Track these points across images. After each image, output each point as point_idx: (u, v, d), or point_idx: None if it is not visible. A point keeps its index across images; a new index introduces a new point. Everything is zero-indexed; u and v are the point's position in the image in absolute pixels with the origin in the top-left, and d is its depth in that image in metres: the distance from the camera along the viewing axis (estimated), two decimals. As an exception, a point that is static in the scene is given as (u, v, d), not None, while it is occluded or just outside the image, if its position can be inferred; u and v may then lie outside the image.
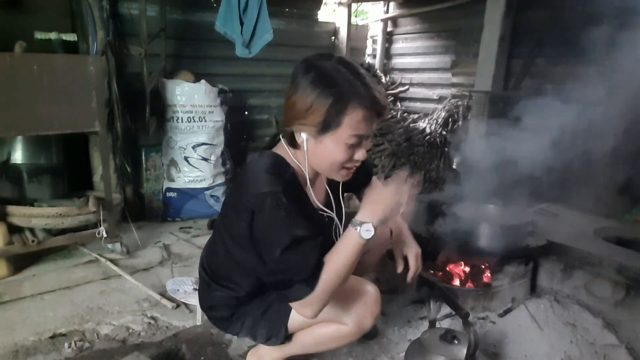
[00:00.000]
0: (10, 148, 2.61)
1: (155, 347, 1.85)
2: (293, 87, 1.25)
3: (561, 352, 1.79)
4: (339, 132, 1.20)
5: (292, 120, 1.25)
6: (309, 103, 1.19)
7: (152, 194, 3.51)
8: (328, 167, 1.29)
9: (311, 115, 1.20)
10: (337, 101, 1.17)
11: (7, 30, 2.76)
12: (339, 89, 1.17)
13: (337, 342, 1.48)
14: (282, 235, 1.22)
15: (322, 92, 1.17)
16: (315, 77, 1.19)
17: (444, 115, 4.17)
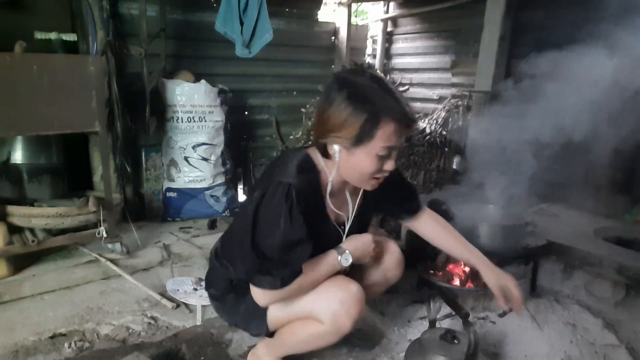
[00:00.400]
0: (10, 148, 2.61)
1: (155, 347, 1.85)
2: (327, 102, 1.29)
3: (561, 352, 1.79)
4: (372, 145, 1.27)
5: (326, 133, 1.30)
6: (343, 118, 1.25)
7: (152, 194, 3.51)
8: (358, 177, 1.35)
9: (345, 129, 1.26)
10: (371, 116, 1.23)
11: (7, 30, 2.76)
12: (372, 105, 1.24)
13: (317, 341, 1.46)
14: (277, 229, 1.28)
15: (356, 107, 1.23)
16: (350, 93, 1.25)
17: (444, 115, 4.17)
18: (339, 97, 1.26)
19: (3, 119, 2.22)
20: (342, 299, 1.38)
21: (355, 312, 1.38)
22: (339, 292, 1.39)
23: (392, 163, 1.33)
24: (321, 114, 1.32)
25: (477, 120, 3.60)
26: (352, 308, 1.38)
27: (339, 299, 1.38)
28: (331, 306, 1.38)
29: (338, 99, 1.26)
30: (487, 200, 2.41)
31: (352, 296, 1.39)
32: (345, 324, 1.38)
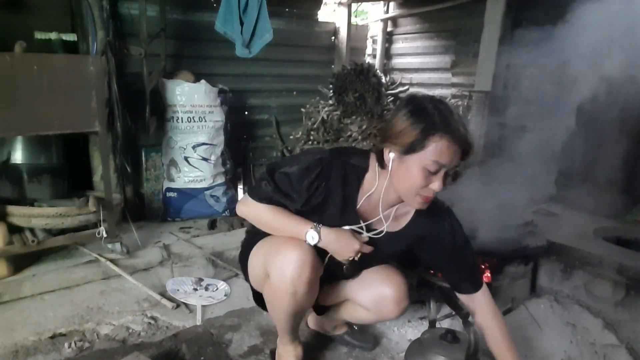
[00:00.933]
0: (10, 148, 2.61)
1: (155, 347, 1.85)
2: (394, 113, 1.39)
3: (561, 352, 1.79)
4: (422, 155, 1.31)
5: (386, 140, 1.38)
6: (403, 126, 1.33)
7: (152, 194, 3.51)
8: (406, 189, 1.39)
9: (402, 137, 1.33)
10: (427, 127, 1.30)
11: (7, 30, 2.76)
12: (431, 117, 1.31)
13: (272, 301, 1.53)
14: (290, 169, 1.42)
15: (417, 118, 1.32)
16: (414, 107, 1.34)
17: (444, 115, 4.17)
18: (404, 109, 1.35)
19: (3, 119, 2.22)
20: (287, 255, 1.42)
21: (294, 270, 1.41)
22: (288, 249, 1.43)
23: (439, 183, 1.35)
24: (386, 123, 1.41)
25: (475, 119, 3.60)
26: (293, 265, 1.41)
27: (285, 254, 1.42)
28: (277, 260, 1.44)
29: (403, 110, 1.35)
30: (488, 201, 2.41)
31: (298, 254, 1.41)
32: (286, 281, 1.42)
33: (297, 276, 1.41)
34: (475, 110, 3.64)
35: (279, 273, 1.42)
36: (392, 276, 1.66)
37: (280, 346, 1.71)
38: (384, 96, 4.41)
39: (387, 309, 1.63)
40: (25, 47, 2.44)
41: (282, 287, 1.43)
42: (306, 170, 1.41)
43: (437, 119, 1.30)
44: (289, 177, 1.42)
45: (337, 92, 4.06)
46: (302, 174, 1.41)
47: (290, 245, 1.43)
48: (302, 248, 1.42)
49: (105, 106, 2.67)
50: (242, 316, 2.09)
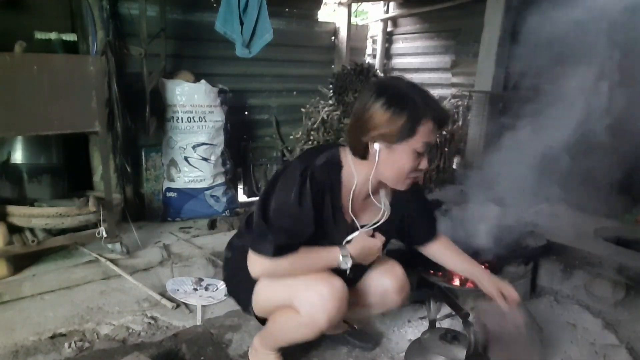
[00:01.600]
0: (10, 148, 2.61)
1: (155, 347, 1.85)
2: (368, 105, 1.34)
3: (561, 352, 1.79)
4: (413, 141, 1.33)
5: (368, 132, 1.34)
6: (387, 116, 1.31)
7: (152, 194, 3.51)
8: (396, 175, 1.39)
9: (389, 126, 1.31)
10: (413, 114, 1.30)
11: (7, 30, 2.76)
12: (414, 104, 1.31)
13: (295, 331, 1.47)
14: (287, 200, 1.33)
15: (399, 106, 1.30)
16: (392, 94, 1.32)
17: (444, 115, 4.17)
18: (381, 98, 1.32)
19: (3, 119, 2.22)
20: (322, 292, 1.37)
21: (331, 308, 1.37)
22: (320, 284, 1.38)
23: (426, 161, 1.38)
24: (361, 116, 1.35)
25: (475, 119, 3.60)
26: (330, 303, 1.37)
27: (318, 291, 1.37)
28: (310, 297, 1.37)
29: (380, 100, 1.32)
30: (488, 200, 2.41)
31: (332, 290, 1.38)
32: (321, 318, 1.37)
33: (335, 314, 1.38)
34: (475, 110, 3.64)
35: (314, 311, 1.37)
36: (391, 268, 1.69)
37: (262, 350, 1.64)
38: (384, 96, 4.41)
39: (391, 300, 1.67)
40: (25, 47, 2.44)
41: (316, 323, 1.39)
42: (300, 192, 1.34)
43: (420, 102, 1.31)
44: (291, 210, 1.34)
45: (337, 92, 4.06)
46: (300, 197, 1.34)
47: (322, 281, 1.39)
48: (334, 282, 1.39)
49: (105, 106, 2.67)
50: (242, 316, 2.09)
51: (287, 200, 1.33)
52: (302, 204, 1.34)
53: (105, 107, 2.62)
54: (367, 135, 1.35)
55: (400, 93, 1.32)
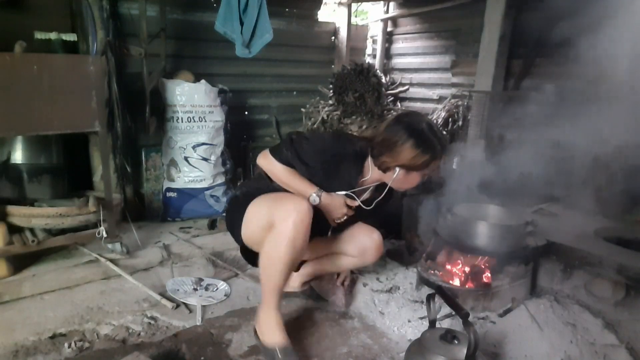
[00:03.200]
0: (10, 148, 2.61)
1: (155, 347, 1.85)
2: (400, 142, 1.78)
3: (561, 352, 1.79)
4: (426, 170, 1.85)
5: (396, 161, 1.81)
6: (412, 156, 1.78)
7: (152, 194, 3.51)
8: (404, 187, 1.96)
9: (414, 162, 1.80)
10: (433, 155, 1.79)
11: (7, 30, 2.76)
12: (435, 148, 1.79)
13: (275, 250, 1.70)
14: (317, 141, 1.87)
15: (424, 149, 1.77)
16: (421, 138, 1.77)
17: (444, 115, 4.17)
18: (411, 139, 1.76)
19: (3, 119, 2.22)
20: (288, 207, 1.69)
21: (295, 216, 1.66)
22: (289, 203, 1.71)
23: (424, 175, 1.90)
24: (392, 149, 1.79)
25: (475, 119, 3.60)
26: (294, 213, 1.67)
27: (287, 207, 1.69)
28: (280, 213, 1.69)
29: (410, 141, 1.76)
30: (488, 200, 2.41)
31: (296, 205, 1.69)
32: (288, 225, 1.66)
33: (300, 221, 1.66)
34: (475, 110, 3.64)
35: (284, 219, 1.66)
36: (371, 231, 2.10)
37: (263, 313, 1.81)
38: (384, 96, 4.41)
39: (370, 255, 2.10)
40: (25, 47, 2.44)
41: (285, 231, 1.66)
42: (322, 151, 1.83)
43: (438, 147, 1.79)
44: (308, 150, 1.80)
45: (337, 92, 4.06)
46: (319, 152, 1.82)
47: (294, 197, 1.75)
48: (303, 201, 1.73)
49: (105, 106, 2.67)
50: (242, 316, 2.09)
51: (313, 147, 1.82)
52: (316, 158, 1.82)
53: (105, 107, 2.62)
54: (394, 163, 1.81)
55: (427, 138, 1.77)
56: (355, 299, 2.29)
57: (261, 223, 1.75)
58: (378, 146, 1.84)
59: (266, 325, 1.78)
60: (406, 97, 4.85)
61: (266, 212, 1.74)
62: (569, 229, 2.45)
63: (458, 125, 4.06)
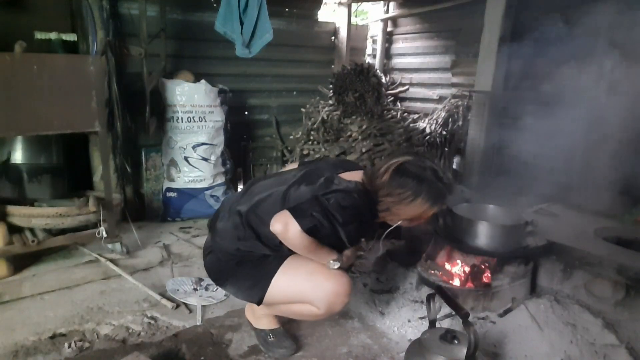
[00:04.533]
0: (10, 148, 2.61)
1: (155, 347, 1.85)
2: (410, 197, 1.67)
3: (561, 352, 1.79)
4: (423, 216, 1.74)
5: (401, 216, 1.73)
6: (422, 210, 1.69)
7: (152, 194, 3.51)
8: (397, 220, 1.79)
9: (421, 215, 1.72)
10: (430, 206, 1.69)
11: (7, 30, 2.76)
12: (443, 199, 1.72)
13: (310, 318, 1.79)
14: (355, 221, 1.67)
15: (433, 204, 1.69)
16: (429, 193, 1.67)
17: (444, 115, 4.17)
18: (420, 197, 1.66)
19: (3, 119, 2.22)
20: (337, 292, 1.67)
21: (347, 300, 1.71)
22: (333, 286, 1.68)
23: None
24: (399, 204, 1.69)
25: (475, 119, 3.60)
26: (344, 297, 1.70)
27: (334, 292, 1.67)
28: (327, 298, 1.67)
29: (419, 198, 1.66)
30: (488, 200, 2.41)
31: (343, 287, 1.69)
32: (338, 309, 1.71)
33: (347, 303, 1.73)
34: (475, 110, 3.64)
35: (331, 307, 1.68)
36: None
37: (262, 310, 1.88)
38: (384, 96, 4.41)
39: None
40: (25, 47, 2.44)
41: (333, 313, 1.73)
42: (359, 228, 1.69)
43: (447, 194, 1.71)
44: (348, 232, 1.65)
45: (337, 92, 4.06)
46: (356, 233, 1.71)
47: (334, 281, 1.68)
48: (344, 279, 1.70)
49: (105, 106, 2.67)
50: (242, 316, 2.09)
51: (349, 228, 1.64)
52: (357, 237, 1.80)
53: (105, 107, 2.62)
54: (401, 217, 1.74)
55: (436, 188, 1.68)
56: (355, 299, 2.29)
57: (293, 298, 1.72)
58: (384, 200, 1.71)
59: (262, 311, 1.88)
60: (406, 97, 4.85)
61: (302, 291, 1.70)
62: (569, 229, 2.45)
63: (458, 125, 4.06)
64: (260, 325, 1.91)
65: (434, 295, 1.62)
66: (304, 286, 1.68)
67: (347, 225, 1.64)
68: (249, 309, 1.97)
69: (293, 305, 1.75)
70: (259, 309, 1.89)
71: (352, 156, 3.60)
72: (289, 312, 1.81)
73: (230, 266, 1.75)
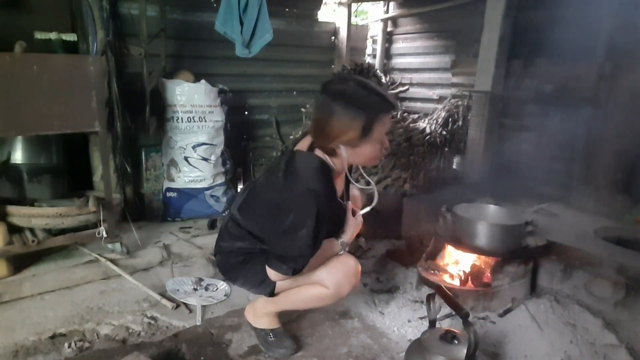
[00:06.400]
0: (10, 148, 2.61)
1: (155, 347, 1.85)
2: (326, 114, 1.54)
3: (561, 352, 1.79)
4: (373, 137, 1.55)
5: (333, 140, 1.56)
6: (345, 125, 1.52)
7: (152, 194, 3.51)
8: (364, 161, 1.68)
9: (349, 134, 1.53)
10: (367, 118, 1.51)
11: (7, 30, 2.76)
12: (365, 108, 1.51)
13: (319, 302, 1.77)
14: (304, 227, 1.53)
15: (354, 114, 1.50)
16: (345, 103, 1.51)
17: (444, 115, 4.17)
18: (335, 108, 1.51)
19: (3, 119, 2.22)
20: (346, 272, 1.72)
21: (355, 281, 1.75)
22: (342, 266, 1.73)
23: (387, 141, 1.62)
24: (323, 126, 1.56)
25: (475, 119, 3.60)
26: (353, 278, 1.74)
27: (343, 271, 1.72)
28: (336, 277, 1.70)
29: (336, 110, 1.51)
30: (488, 200, 2.41)
31: (352, 269, 1.74)
32: (346, 291, 1.73)
33: (355, 285, 1.76)
34: (475, 110, 3.64)
35: (340, 287, 1.70)
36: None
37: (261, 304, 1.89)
38: (384, 96, 4.40)
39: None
40: (25, 47, 2.44)
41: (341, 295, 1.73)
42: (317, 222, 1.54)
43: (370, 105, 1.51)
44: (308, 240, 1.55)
45: (337, 92, 4.06)
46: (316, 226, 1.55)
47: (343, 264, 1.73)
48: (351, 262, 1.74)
49: (105, 106, 2.67)
50: (242, 316, 2.09)
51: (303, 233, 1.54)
52: (318, 232, 1.56)
53: (105, 107, 2.62)
54: (333, 143, 1.57)
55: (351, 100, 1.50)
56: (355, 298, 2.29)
57: (307, 279, 1.72)
58: (315, 137, 1.62)
59: (263, 310, 1.89)
60: (406, 97, 4.85)
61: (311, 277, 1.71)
62: (569, 229, 2.45)
63: (458, 125, 4.06)
64: (261, 325, 1.90)
65: (434, 295, 1.63)
66: (312, 266, 1.67)
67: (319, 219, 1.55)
68: (249, 309, 1.97)
69: (302, 289, 1.75)
70: (261, 308, 1.89)
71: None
72: (297, 300, 1.79)
73: (237, 265, 1.81)
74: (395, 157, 3.59)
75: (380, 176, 3.41)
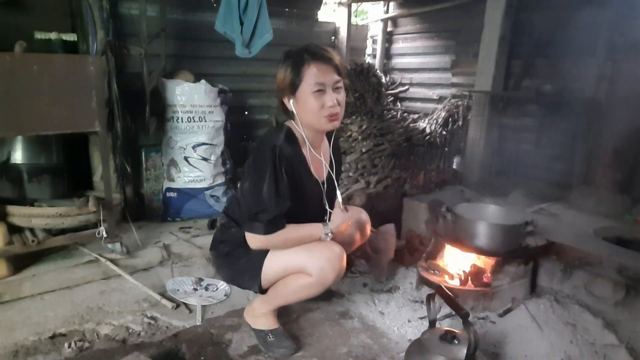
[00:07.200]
0: (10, 148, 2.61)
1: (155, 347, 1.85)
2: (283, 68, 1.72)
3: (561, 352, 1.79)
4: (304, 86, 1.65)
5: (280, 95, 1.73)
6: (281, 76, 1.70)
7: (152, 194, 3.51)
8: (312, 118, 1.70)
9: (284, 83, 1.69)
10: (295, 62, 1.67)
11: (7, 30, 2.76)
12: (296, 55, 1.70)
13: (306, 290, 1.76)
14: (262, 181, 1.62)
15: (284, 63, 1.71)
16: (284, 56, 1.74)
17: (444, 115, 4.17)
18: (280, 64, 1.72)
19: (3, 119, 2.22)
20: (329, 257, 1.70)
21: (338, 267, 1.72)
22: (326, 251, 1.72)
23: (331, 97, 1.67)
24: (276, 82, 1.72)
25: (475, 119, 3.60)
26: (336, 264, 1.71)
27: (326, 257, 1.70)
28: (319, 262, 1.69)
29: (279, 65, 1.72)
30: (488, 200, 2.41)
31: (336, 255, 1.72)
32: (330, 277, 1.71)
33: (340, 273, 1.74)
34: (475, 110, 3.64)
35: (324, 273, 1.69)
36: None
37: (260, 303, 1.91)
38: (384, 96, 4.42)
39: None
40: (25, 47, 2.43)
41: (326, 282, 1.71)
42: (275, 173, 1.63)
43: (297, 53, 1.69)
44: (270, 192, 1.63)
45: (337, 92, 4.06)
46: (275, 178, 1.63)
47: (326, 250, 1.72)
48: (336, 249, 1.72)
49: (105, 106, 2.67)
50: (242, 316, 2.09)
51: (264, 184, 1.62)
52: (278, 182, 1.64)
53: (105, 107, 2.62)
54: (280, 97, 1.73)
55: (289, 52, 1.72)
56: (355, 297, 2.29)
57: (288, 272, 1.75)
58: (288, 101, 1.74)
59: (261, 310, 1.91)
60: (406, 97, 4.86)
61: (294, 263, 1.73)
62: (569, 229, 2.45)
63: (458, 125, 4.07)
64: (259, 325, 1.91)
65: (434, 295, 1.63)
66: (296, 252, 1.72)
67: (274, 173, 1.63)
68: (248, 310, 1.98)
69: (288, 280, 1.76)
70: (258, 308, 1.91)
71: (351, 156, 3.60)
72: (287, 292, 1.80)
73: (224, 257, 1.88)
74: (395, 157, 3.59)
75: (380, 176, 3.41)
